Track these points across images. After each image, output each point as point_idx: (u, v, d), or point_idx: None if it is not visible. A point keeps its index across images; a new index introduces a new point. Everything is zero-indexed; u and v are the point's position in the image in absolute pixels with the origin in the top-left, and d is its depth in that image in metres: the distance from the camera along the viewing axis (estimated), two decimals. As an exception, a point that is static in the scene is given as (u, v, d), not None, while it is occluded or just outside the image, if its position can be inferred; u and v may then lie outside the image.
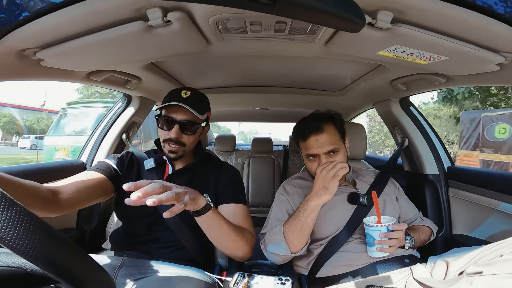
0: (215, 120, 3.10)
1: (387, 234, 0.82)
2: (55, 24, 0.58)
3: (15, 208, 0.30)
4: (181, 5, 0.59)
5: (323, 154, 0.94)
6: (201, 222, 0.74)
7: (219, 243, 0.82)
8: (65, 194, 0.75)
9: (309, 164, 1.00)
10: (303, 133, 0.98)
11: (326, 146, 0.94)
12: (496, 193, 1.06)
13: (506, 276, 0.58)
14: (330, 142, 0.94)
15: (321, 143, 0.94)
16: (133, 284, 0.78)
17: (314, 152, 0.95)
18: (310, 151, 0.96)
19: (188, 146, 0.90)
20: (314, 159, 0.97)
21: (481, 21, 0.54)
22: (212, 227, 0.76)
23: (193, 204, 0.66)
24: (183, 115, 0.88)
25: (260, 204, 2.55)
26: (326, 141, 0.94)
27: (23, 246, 0.29)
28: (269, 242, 0.91)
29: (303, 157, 1.03)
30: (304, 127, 0.98)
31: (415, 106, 1.43)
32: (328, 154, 0.94)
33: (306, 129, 0.97)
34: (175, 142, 0.87)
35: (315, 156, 0.96)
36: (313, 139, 0.95)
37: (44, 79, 0.88)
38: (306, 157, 1.00)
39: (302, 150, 1.02)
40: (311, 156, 0.97)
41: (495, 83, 0.90)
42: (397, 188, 1.11)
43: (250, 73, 1.32)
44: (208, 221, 0.73)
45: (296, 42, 0.79)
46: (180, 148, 0.89)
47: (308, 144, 0.96)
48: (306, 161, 1.01)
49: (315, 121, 0.98)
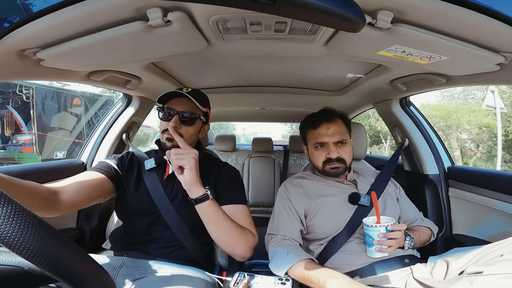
0: (215, 120, 3.10)
1: (386, 234, 0.82)
2: (55, 24, 0.58)
3: (10, 204, 0.30)
4: (181, 5, 0.59)
5: (332, 143, 0.98)
6: (200, 212, 0.82)
7: (217, 236, 0.84)
8: (66, 194, 0.76)
9: (315, 154, 1.01)
10: (314, 122, 1.02)
11: (336, 135, 0.98)
12: (496, 193, 1.06)
13: (506, 276, 0.58)
14: (340, 132, 0.99)
15: (332, 132, 0.98)
16: (133, 284, 0.78)
17: (324, 140, 0.98)
18: (320, 139, 0.99)
19: (186, 138, 0.91)
20: (322, 148, 0.99)
21: (481, 21, 0.54)
22: (210, 218, 0.82)
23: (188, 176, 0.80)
24: (183, 107, 0.91)
25: (260, 204, 2.55)
26: (336, 130, 0.99)
27: (19, 243, 0.29)
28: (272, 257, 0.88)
29: (309, 148, 1.05)
30: (316, 116, 1.03)
31: (415, 106, 1.43)
32: (336, 144, 0.98)
33: (318, 118, 1.02)
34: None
35: (324, 145, 0.99)
36: (324, 127, 0.99)
37: (44, 79, 0.88)
38: (314, 146, 1.02)
39: (310, 140, 1.04)
40: (320, 145, 1.00)
41: (495, 83, 0.90)
42: (397, 189, 1.11)
43: (250, 73, 1.31)
44: (205, 210, 0.81)
45: (296, 42, 0.79)
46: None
47: (319, 132, 1.00)
48: (313, 151, 1.02)
49: (326, 114, 1.03)
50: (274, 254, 0.87)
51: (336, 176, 1.03)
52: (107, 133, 1.39)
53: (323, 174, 1.05)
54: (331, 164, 0.99)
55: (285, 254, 0.84)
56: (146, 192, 0.90)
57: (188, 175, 0.80)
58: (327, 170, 1.01)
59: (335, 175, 1.02)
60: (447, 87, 1.04)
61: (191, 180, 0.80)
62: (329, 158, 0.99)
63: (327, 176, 1.05)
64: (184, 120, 0.91)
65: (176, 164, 0.81)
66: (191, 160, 0.80)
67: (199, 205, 0.81)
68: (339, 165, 0.99)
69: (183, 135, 0.90)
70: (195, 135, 0.96)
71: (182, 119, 0.91)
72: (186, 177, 0.80)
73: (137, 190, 0.92)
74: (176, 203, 0.89)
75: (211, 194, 0.82)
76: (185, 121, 0.91)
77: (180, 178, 0.82)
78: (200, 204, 0.81)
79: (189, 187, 0.81)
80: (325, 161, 1.00)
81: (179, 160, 0.80)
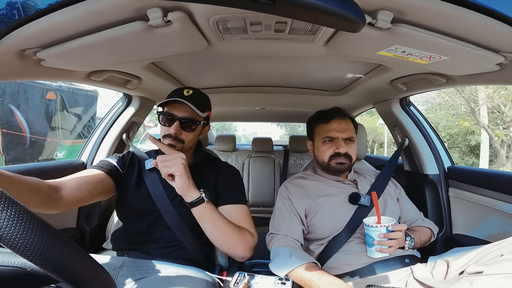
0: (215, 120, 3.10)
1: (387, 234, 0.82)
2: (55, 24, 0.58)
3: (14, 207, 0.30)
4: (181, 5, 0.59)
5: (342, 139, 1.00)
6: (196, 215, 0.82)
7: (215, 238, 0.84)
8: (67, 190, 0.75)
9: (323, 148, 1.02)
10: (326, 116, 1.04)
11: (347, 132, 1.01)
12: (496, 193, 1.06)
13: (506, 276, 0.58)
14: (350, 130, 1.02)
15: (343, 128, 1.01)
16: (134, 284, 0.78)
17: (334, 135, 1.00)
18: (330, 133, 1.01)
19: (187, 143, 0.91)
20: (331, 143, 1.01)
21: (481, 21, 0.54)
22: (205, 220, 0.82)
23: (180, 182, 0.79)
24: (184, 112, 0.89)
25: (261, 204, 2.55)
26: (347, 127, 1.02)
27: (23, 245, 0.29)
28: (274, 257, 0.88)
29: (316, 142, 1.06)
30: (328, 112, 1.05)
31: (415, 106, 1.43)
32: (345, 140, 1.00)
33: (330, 114, 1.04)
34: (173, 138, 0.89)
35: (333, 140, 1.00)
36: (336, 122, 1.01)
37: (44, 79, 0.88)
38: (322, 141, 1.03)
39: (319, 134, 1.05)
40: (329, 139, 1.01)
41: (495, 83, 0.90)
42: (398, 189, 1.11)
43: (250, 73, 1.31)
44: (201, 213, 0.81)
45: (296, 42, 0.79)
46: (179, 144, 0.90)
47: (331, 127, 1.01)
48: (321, 145, 1.03)
49: (338, 111, 1.05)
50: (276, 255, 0.87)
51: (340, 172, 1.04)
52: (107, 133, 1.39)
53: (327, 170, 1.04)
54: (338, 159, 1.00)
55: (287, 256, 0.84)
56: (146, 191, 0.90)
57: (180, 181, 0.78)
58: (332, 165, 1.01)
59: (339, 171, 1.03)
60: (447, 87, 1.04)
61: (183, 185, 0.79)
62: (337, 152, 0.99)
63: (330, 172, 1.05)
64: (185, 126, 0.90)
65: (165, 173, 0.79)
66: (180, 166, 0.78)
67: (194, 208, 0.81)
68: (346, 160, 1.00)
69: (184, 141, 0.90)
70: (195, 139, 0.96)
71: (182, 125, 0.89)
72: (178, 184, 0.79)
73: (137, 190, 0.92)
74: (176, 203, 0.89)
75: (207, 196, 0.81)
76: (186, 127, 0.90)
77: (173, 185, 0.80)
78: (195, 207, 0.80)
79: (183, 192, 0.80)
80: (332, 155, 1.00)
81: (167, 168, 0.78)
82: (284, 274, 0.80)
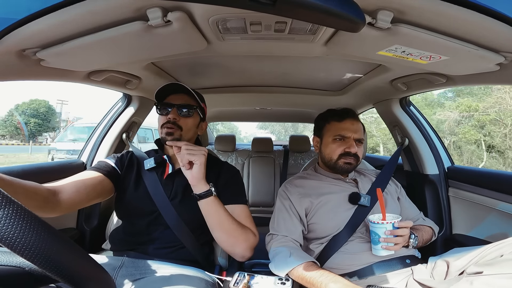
0: (215, 120, 3.10)
1: (393, 231, 0.81)
2: (55, 24, 0.58)
3: (12, 205, 0.30)
4: (181, 5, 0.59)
5: (353, 139, 1.01)
6: (202, 208, 0.83)
7: (217, 234, 0.84)
8: (65, 194, 0.76)
9: (332, 146, 1.03)
10: (340, 114, 1.04)
11: (358, 132, 1.02)
12: (496, 193, 1.06)
13: (506, 276, 0.58)
14: (361, 131, 1.04)
15: (355, 128, 1.02)
16: (133, 284, 0.78)
17: (347, 135, 1.01)
18: (343, 132, 1.01)
19: (185, 131, 0.92)
20: (341, 142, 1.02)
21: (481, 21, 0.54)
22: (212, 214, 0.83)
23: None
24: (180, 100, 0.94)
25: (260, 204, 2.55)
26: (359, 128, 1.04)
27: (20, 244, 0.29)
28: (273, 257, 0.88)
29: (325, 139, 1.06)
30: (341, 111, 1.06)
31: (415, 106, 1.42)
32: (356, 141, 1.01)
33: (344, 113, 1.04)
34: (172, 123, 0.91)
35: (345, 139, 1.01)
36: (350, 122, 1.02)
37: (44, 79, 0.88)
38: (333, 138, 1.03)
39: (329, 132, 1.05)
40: (340, 138, 1.02)
41: (495, 83, 0.90)
42: (398, 188, 1.11)
43: (250, 73, 1.31)
44: (208, 206, 0.83)
45: (296, 42, 0.79)
46: (177, 131, 0.91)
47: (344, 126, 1.02)
48: (330, 143, 1.03)
49: (351, 112, 1.06)
50: (276, 255, 0.87)
51: (346, 172, 1.05)
52: (107, 133, 1.38)
53: (333, 168, 1.04)
54: (347, 158, 1.00)
55: (287, 255, 0.84)
56: (145, 191, 0.90)
57: (197, 170, 0.82)
58: (340, 164, 1.01)
59: (345, 171, 1.03)
60: (447, 87, 1.04)
61: (198, 175, 0.82)
62: (348, 151, 1.00)
63: (334, 171, 1.05)
64: (182, 112, 0.93)
65: (186, 159, 0.82)
66: (202, 157, 0.83)
67: (202, 200, 0.82)
68: (354, 161, 1.01)
69: (182, 127, 0.92)
70: (194, 129, 0.97)
71: (180, 112, 0.93)
72: (194, 172, 0.82)
73: (136, 190, 0.92)
74: (175, 203, 0.89)
75: (214, 191, 0.84)
76: (184, 113, 0.93)
77: (187, 174, 0.83)
78: (203, 199, 0.82)
79: (195, 182, 0.83)
80: (342, 154, 1.01)
81: (190, 155, 0.82)
82: (284, 273, 0.80)
